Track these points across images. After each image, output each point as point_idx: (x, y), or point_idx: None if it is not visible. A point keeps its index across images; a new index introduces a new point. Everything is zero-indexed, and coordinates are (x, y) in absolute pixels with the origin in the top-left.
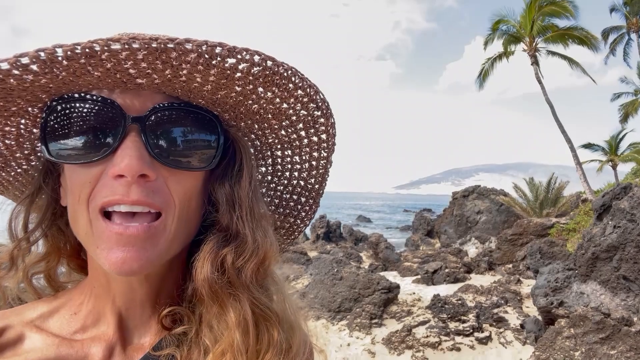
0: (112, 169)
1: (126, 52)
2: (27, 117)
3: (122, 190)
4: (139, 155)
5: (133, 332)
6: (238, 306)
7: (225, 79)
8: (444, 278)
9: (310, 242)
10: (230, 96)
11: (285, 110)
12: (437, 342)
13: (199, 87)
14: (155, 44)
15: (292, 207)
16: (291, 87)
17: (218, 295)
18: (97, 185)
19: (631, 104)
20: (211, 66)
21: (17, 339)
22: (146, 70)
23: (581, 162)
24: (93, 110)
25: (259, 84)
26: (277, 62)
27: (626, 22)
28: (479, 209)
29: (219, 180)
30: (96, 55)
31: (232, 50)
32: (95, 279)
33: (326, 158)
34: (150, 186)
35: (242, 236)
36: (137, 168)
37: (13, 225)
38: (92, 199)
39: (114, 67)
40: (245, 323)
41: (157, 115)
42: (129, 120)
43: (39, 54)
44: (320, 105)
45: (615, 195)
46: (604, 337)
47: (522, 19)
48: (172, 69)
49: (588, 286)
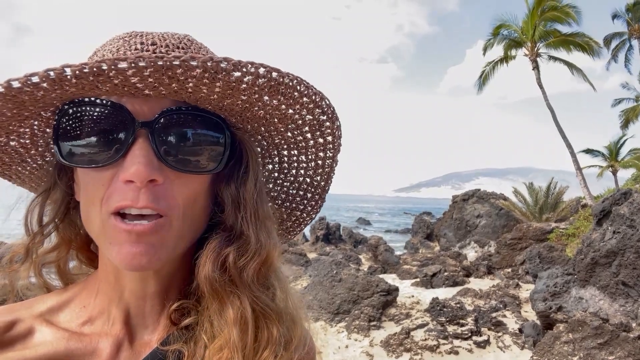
0: (122, 174)
1: (133, 69)
2: (40, 120)
3: (132, 195)
4: (148, 162)
5: (141, 328)
6: (237, 304)
7: (231, 90)
8: (443, 281)
9: (309, 243)
10: (236, 104)
11: (291, 115)
12: (435, 345)
13: (206, 97)
14: (162, 62)
15: (299, 202)
16: (296, 95)
17: (218, 293)
18: (109, 189)
19: (632, 110)
20: (217, 79)
21: (27, 333)
22: (153, 84)
23: (581, 167)
24: (103, 115)
25: (264, 93)
26: (282, 72)
27: (628, 28)
28: (478, 212)
29: (225, 181)
30: (104, 73)
31: (237, 64)
32: (104, 274)
33: (332, 158)
34: (158, 191)
35: (245, 236)
36: (146, 174)
37: (29, 219)
38: (105, 202)
39: (122, 82)
40: (244, 320)
41: (165, 120)
42: (138, 125)
43: (48, 73)
44: (325, 110)
45: (615, 200)
46: (602, 342)
47: (524, 24)
48: (179, 83)
49: (587, 291)
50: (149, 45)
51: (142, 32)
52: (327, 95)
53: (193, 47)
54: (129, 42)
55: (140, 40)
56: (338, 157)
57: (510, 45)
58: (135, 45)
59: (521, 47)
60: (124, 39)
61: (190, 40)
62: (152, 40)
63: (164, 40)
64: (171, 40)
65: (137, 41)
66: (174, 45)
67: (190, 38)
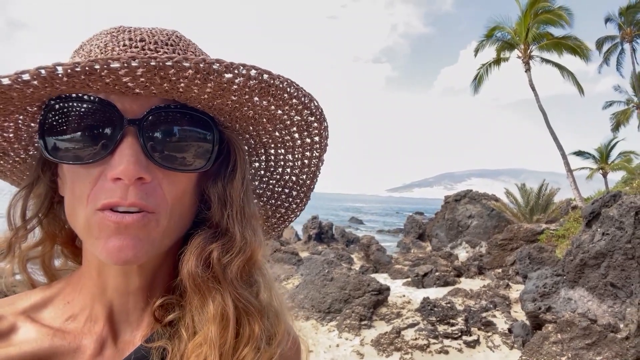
0: (110, 171)
1: (125, 69)
2: (26, 114)
3: (120, 193)
4: (136, 160)
5: (125, 325)
6: (219, 300)
7: (222, 91)
8: (434, 281)
9: (302, 242)
10: (226, 104)
11: (280, 115)
12: (425, 344)
13: (196, 96)
14: (154, 62)
15: (284, 199)
16: (286, 96)
17: (200, 289)
18: (96, 186)
19: (623, 113)
20: (208, 80)
21: (9, 330)
22: (145, 84)
23: (572, 169)
24: (91, 111)
25: (255, 94)
26: (273, 75)
27: (620, 32)
28: (470, 213)
29: (212, 179)
30: (95, 72)
31: (229, 66)
32: (88, 270)
33: (318, 157)
34: (145, 188)
35: (230, 234)
36: (134, 172)
37: (12, 213)
38: (91, 199)
39: (113, 81)
40: (225, 317)
41: (154, 118)
42: (127, 123)
43: (39, 71)
44: (314, 112)
45: (604, 203)
46: (590, 343)
47: (518, 26)
48: (170, 83)
49: (576, 292)
50: (137, 41)
51: (130, 27)
52: (318, 96)
53: (182, 43)
54: (117, 38)
55: (129, 36)
56: (324, 156)
57: (504, 47)
58: (123, 41)
59: (514, 49)
60: (112, 34)
61: (179, 37)
62: (140, 37)
63: (153, 36)
64: (160, 36)
65: (125, 37)
66: (162, 42)
67: (178, 34)
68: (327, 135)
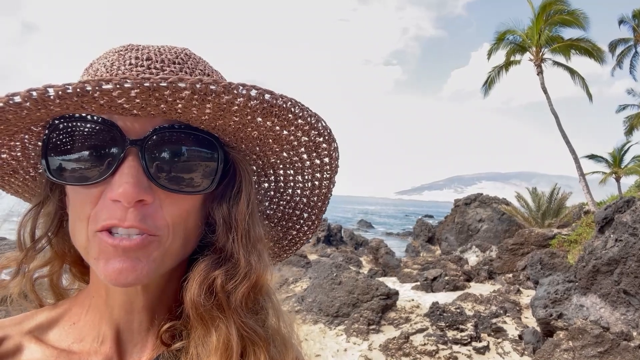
0: (110, 193)
1: (118, 91)
2: (31, 134)
3: (119, 214)
4: (136, 182)
5: (130, 345)
6: (223, 330)
7: (222, 112)
8: (444, 286)
9: (310, 245)
10: (228, 124)
11: (286, 136)
12: (434, 350)
13: (197, 117)
14: (148, 83)
15: (295, 221)
16: (291, 116)
17: (203, 318)
18: (96, 206)
19: (637, 117)
20: (207, 101)
21: (15, 350)
22: (140, 105)
23: (584, 173)
24: (93, 131)
25: (257, 115)
26: (275, 94)
27: (634, 34)
28: (480, 217)
29: (217, 201)
30: (88, 94)
31: (227, 86)
32: (95, 290)
33: (329, 179)
34: (146, 210)
35: (235, 259)
36: (134, 195)
37: (22, 234)
38: (92, 220)
39: (107, 103)
40: (228, 348)
41: (157, 138)
42: (128, 143)
43: (30, 93)
44: (322, 132)
45: (617, 208)
46: (603, 351)
47: (529, 30)
48: (167, 104)
49: (588, 299)
50: (143, 60)
51: (139, 45)
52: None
53: (190, 62)
54: (123, 57)
55: (136, 55)
56: (335, 178)
57: (515, 50)
58: (129, 59)
59: (526, 51)
60: (119, 53)
61: (188, 55)
62: (147, 55)
63: (160, 55)
64: (167, 55)
65: (132, 55)
66: (169, 61)
67: (187, 52)
68: (337, 156)
